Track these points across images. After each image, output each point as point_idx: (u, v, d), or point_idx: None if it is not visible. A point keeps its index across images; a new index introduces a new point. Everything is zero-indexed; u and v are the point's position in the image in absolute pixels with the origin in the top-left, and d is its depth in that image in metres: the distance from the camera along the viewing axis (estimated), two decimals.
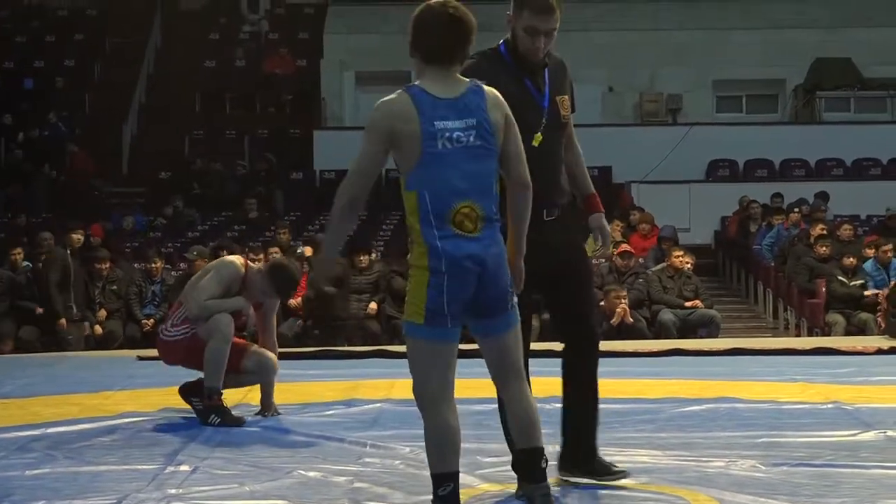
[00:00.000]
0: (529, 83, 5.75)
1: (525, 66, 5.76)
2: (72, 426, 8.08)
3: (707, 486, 5.99)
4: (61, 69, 25.58)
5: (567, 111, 5.88)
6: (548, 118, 5.76)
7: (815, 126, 24.90)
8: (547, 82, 5.81)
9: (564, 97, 5.87)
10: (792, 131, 24.96)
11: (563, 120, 5.85)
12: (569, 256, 5.87)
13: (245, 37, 27.16)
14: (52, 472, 6.59)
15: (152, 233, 20.00)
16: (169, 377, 10.81)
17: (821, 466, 6.44)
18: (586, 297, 6.03)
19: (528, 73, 5.77)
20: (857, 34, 26.02)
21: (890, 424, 7.69)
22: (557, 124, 5.82)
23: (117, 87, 25.72)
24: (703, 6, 26.84)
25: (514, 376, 5.25)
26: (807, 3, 27.28)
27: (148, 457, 6.94)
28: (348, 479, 6.29)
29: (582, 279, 5.97)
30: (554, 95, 5.82)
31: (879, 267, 15.53)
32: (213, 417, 8.08)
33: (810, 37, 25.99)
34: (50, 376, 11.32)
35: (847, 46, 25.66)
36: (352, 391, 9.59)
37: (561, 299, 5.98)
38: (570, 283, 5.89)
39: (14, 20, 27.11)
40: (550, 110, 5.78)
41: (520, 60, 5.76)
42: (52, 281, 14.49)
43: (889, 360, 12.06)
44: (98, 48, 26.73)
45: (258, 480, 6.31)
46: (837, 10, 26.89)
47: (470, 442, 7.04)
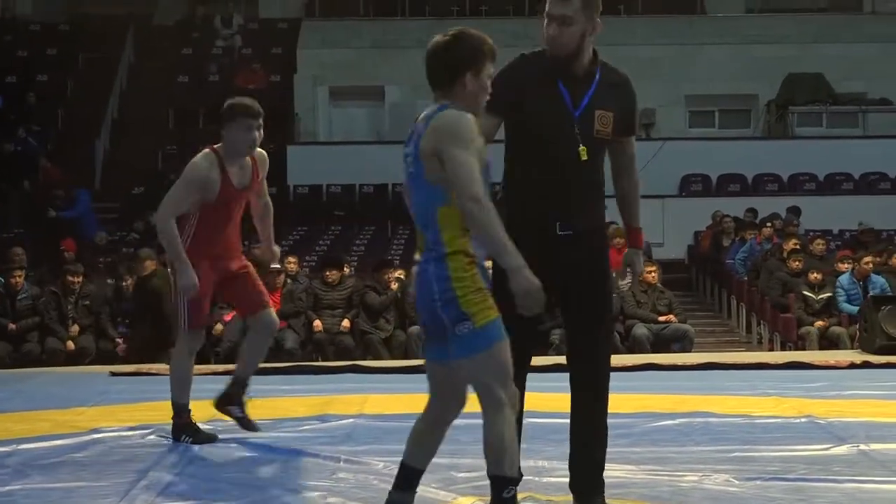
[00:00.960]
0: (563, 88, 5.57)
1: (560, 69, 5.58)
2: (44, 442, 8.04)
3: (681, 502, 6.01)
4: (33, 84, 25.50)
5: (605, 128, 5.62)
6: (580, 129, 5.57)
7: (787, 141, 25.01)
8: (590, 93, 5.61)
9: (607, 113, 5.62)
10: (764, 146, 25.06)
11: (597, 136, 5.61)
12: (583, 276, 5.70)
13: (218, 52, 27.13)
14: (23, 489, 6.56)
15: (125, 248, 19.94)
16: (141, 393, 10.81)
17: (794, 480, 6.46)
18: (593, 328, 5.78)
19: (563, 77, 5.58)
20: (829, 50, 26.16)
21: (863, 438, 7.71)
22: (592, 139, 5.59)
23: (90, 102, 25.64)
24: (675, 22, 26.96)
25: (456, 403, 5.39)
26: (778, 19, 27.45)
27: (120, 473, 6.91)
28: (321, 493, 6.29)
29: (591, 305, 5.74)
30: (593, 108, 5.59)
31: (855, 281, 15.57)
32: (185, 437, 7.97)
33: (782, 52, 26.12)
34: (21, 392, 11.27)
35: (819, 62, 25.79)
36: (325, 406, 9.57)
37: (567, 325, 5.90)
38: (577, 307, 5.75)
39: None
40: (583, 121, 5.57)
41: (555, 61, 5.59)
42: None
43: (862, 374, 12.09)
44: (70, 63, 26.66)
45: (230, 496, 6.31)
46: (808, 26, 27.05)
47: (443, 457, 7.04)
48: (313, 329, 14.89)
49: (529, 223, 5.54)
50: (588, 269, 5.72)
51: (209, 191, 7.69)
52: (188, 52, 27.20)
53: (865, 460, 7.07)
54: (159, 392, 10.92)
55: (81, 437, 8.26)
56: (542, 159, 5.58)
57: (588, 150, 5.57)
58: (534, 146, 5.60)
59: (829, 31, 26.85)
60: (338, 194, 23.08)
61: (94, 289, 15.40)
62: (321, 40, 26.41)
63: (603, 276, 5.82)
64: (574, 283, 5.66)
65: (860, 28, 26.94)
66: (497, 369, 5.11)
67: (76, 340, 14.75)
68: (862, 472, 6.71)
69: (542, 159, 5.59)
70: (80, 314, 14.99)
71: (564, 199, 5.59)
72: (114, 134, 25.64)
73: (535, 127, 5.57)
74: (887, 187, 23.43)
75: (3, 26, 27.36)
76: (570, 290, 5.67)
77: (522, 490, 6.23)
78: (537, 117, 5.55)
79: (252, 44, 27.11)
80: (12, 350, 14.64)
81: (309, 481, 6.58)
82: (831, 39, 26.45)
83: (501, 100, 5.48)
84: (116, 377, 12.65)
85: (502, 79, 5.50)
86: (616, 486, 6.20)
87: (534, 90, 5.55)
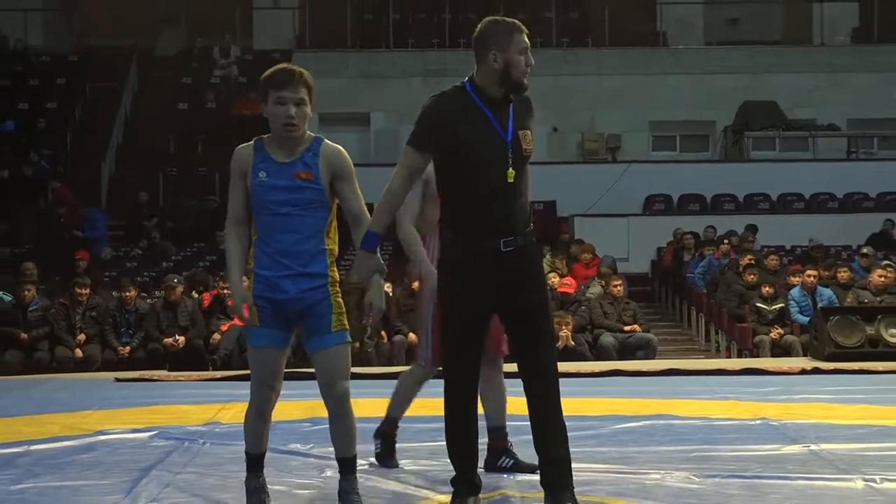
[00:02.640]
0: (492, 117, 5.60)
1: (488, 102, 5.63)
2: (53, 443, 8.02)
3: (644, 498, 6.01)
4: (43, 111, 25.45)
5: (530, 145, 5.71)
6: (512, 152, 5.61)
7: (743, 164, 25.06)
8: (511, 117, 5.66)
9: (527, 132, 5.71)
10: (722, 169, 25.11)
11: (526, 154, 5.69)
12: (525, 288, 5.69)
13: (216, 81, 27.07)
14: (34, 487, 6.54)
15: (129, 263, 19.92)
16: (144, 398, 10.80)
17: (750, 478, 6.46)
18: (537, 331, 5.75)
19: (490, 108, 5.63)
20: (781, 79, 26.24)
21: (813, 439, 7.73)
22: (521, 159, 5.66)
23: (96, 127, 25.58)
24: (640, 54, 27.00)
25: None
26: (734, 51, 27.52)
27: (124, 472, 6.89)
28: (311, 492, 6.28)
29: (535, 312, 5.73)
30: (517, 130, 5.65)
31: (805, 294, 15.60)
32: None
33: (738, 82, 26.19)
34: (31, 397, 11.24)
35: (772, 91, 25.87)
36: (315, 410, 9.51)
37: (513, 331, 5.92)
38: (522, 316, 5.73)
39: None
40: (514, 144, 5.62)
41: (484, 96, 5.62)
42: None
43: (812, 379, 12.12)
44: (78, 91, 26.60)
45: (227, 492, 6.30)
46: (762, 57, 27.13)
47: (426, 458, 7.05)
48: None
49: (475, 243, 5.59)
50: (530, 277, 5.73)
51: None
52: (188, 81, 27.15)
53: (816, 459, 7.08)
54: (160, 397, 10.95)
55: (88, 438, 8.24)
56: (479, 184, 5.59)
57: (515, 171, 5.62)
58: (470, 173, 5.60)
59: (782, 62, 26.93)
60: None
61: (100, 301, 15.36)
62: (312, 70, 25.49)
63: (542, 283, 5.86)
64: (517, 293, 5.68)
65: (810, 59, 27.01)
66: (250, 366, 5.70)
67: (83, 349, 14.70)
68: (812, 470, 6.72)
69: (479, 184, 5.59)
70: (87, 325, 14.95)
71: (503, 217, 5.60)
72: (119, 157, 25.58)
73: (472, 155, 5.57)
74: (835, 207, 23.50)
75: (15, 57, 27.30)
76: (514, 300, 5.69)
77: (498, 487, 6.24)
78: (473, 146, 5.56)
79: (248, 73, 27.06)
80: (24, 358, 14.60)
81: (299, 479, 6.57)
82: (783, 70, 26.53)
83: (433, 136, 5.58)
84: (120, 383, 12.63)
85: (431, 117, 5.59)
86: (584, 483, 6.19)
87: (466, 122, 5.57)
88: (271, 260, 5.46)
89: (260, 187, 5.47)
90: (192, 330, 14.78)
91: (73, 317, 14.92)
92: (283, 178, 5.46)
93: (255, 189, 5.48)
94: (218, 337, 14.69)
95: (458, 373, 5.70)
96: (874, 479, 6.41)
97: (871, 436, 7.97)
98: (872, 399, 10.13)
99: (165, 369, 14.04)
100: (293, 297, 5.45)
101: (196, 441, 8.02)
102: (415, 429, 8.32)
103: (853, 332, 14.09)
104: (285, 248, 5.44)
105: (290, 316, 5.50)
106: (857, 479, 6.41)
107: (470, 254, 5.59)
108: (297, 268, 5.45)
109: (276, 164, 5.49)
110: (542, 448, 5.76)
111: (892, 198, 23.29)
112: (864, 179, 23.90)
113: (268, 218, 5.46)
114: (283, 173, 5.47)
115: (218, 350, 14.64)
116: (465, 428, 5.75)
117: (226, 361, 14.40)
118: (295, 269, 5.45)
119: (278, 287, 5.46)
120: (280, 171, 5.47)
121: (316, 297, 5.47)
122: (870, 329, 14.11)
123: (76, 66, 27.26)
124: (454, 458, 5.77)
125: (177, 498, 6.18)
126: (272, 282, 5.46)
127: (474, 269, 5.57)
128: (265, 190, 5.45)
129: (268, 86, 5.55)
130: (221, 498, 6.17)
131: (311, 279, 5.46)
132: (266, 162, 5.50)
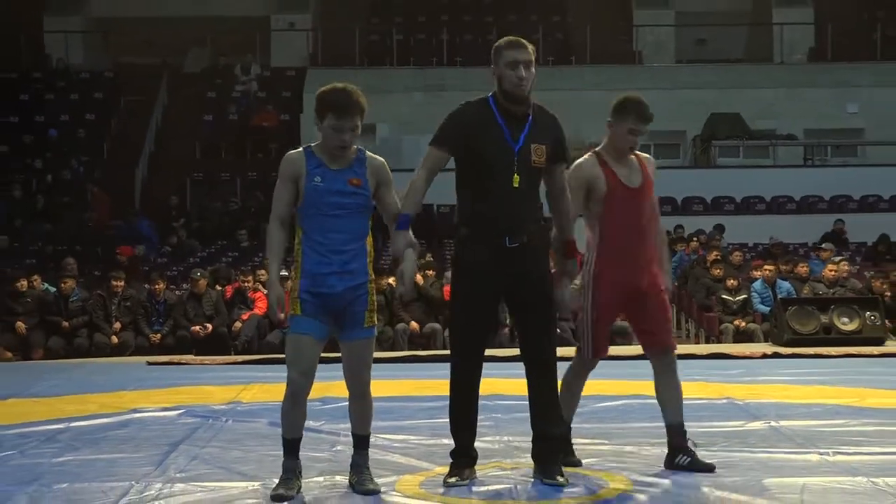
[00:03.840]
0: (505, 128, 5.64)
1: (505, 114, 5.67)
2: (91, 420, 8.04)
3: (622, 469, 6.01)
4: (83, 122, 25.43)
5: (540, 158, 5.69)
6: (519, 161, 5.63)
7: (710, 169, 25.02)
8: (526, 130, 5.68)
9: (541, 146, 5.70)
10: (691, 174, 25.05)
11: (534, 165, 5.68)
12: (529, 281, 5.72)
13: (237, 95, 27.03)
14: (74, 459, 6.55)
15: (159, 259, 19.91)
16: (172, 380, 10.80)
17: (716, 451, 6.47)
18: (539, 322, 5.80)
19: (506, 119, 5.67)
20: (745, 94, 26.21)
21: (773, 416, 7.75)
22: (528, 168, 5.66)
23: (130, 137, 25.57)
24: (618, 71, 26.94)
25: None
26: (702, 68, 27.53)
27: (155, 446, 6.91)
28: (323, 464, 6.28)
29: (538, 304, 5.75)
30: (530, 143, 5.67)
31: (767, 286, 15.59)
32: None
33: (706, 96, 26.16)
34: (72, 379, 11.24)
35: (736, 104, 25.83)
36: (326, 390, 9.51)
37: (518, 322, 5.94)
38: (526, 307, 5.77)
39: (44, 81, 26.91)
40: (521, 154, 5.64)
41: (503, 109, 5.68)
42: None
43: (772, 363, 12.13)
44: (114, 104, 26.59)
45: (247, 464, 6.31)
46: (728, 74, 27.14)
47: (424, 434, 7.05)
48: None
49: (486, 238, 5.64)
50: (535, 272, 5.75)
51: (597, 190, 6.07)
52: (212, 96, 27.13)
53: (776, 434, 7.09)
54: (187, 379, 10.96)
55: (122, 416, 8.25)
56: (488, 186, 5.64)
57: (521, 178, 5.64)
58: (480, 176, 5.66)
59: (745, 78, 26.92)
60: None
61: (133, 293, 15.35)
62: (323, 86, 26.23)
63: (546, 278, 5.84)
64: (522, 286, 5.71)
65: (770, 76, 27.01)
66: (288, 353, 5.60)
67: (119, 336, 14.69)
68: (773, 444, 6.73)
69: (487, 186, 5.65)
70: (121, 314, 14.94)
71: (508, 217, 5.63)
72: (150, 164, 25.58)
73: (480, 160, 5.64)
74: (793, 208, 23.48)
75: (58, 74, 27.32)
76: (519, 293, 5.72)
77: (491, 459, 6.25)
78: (483, 152, 5.62)
79: (266, 88, 27.06)
80: (65, 344, 14.58)
81: (313, 453, 6.56)
82: (747, 85, 26.50)
83: (451, 138, 5.67)
84: (152, 366, 12.64)
85: (452, 122, 5.70)
86: None
87: (480, 130, 5.64)
88: (320, 256, 5.45)
89: (315, 190, 5.46)
90: (215, 319, 14.76)
91: (109, 307, 14.90)
92: (337, 184, 5.47)
93: (309, 192, 5.47)
94: (239, 325, 14.68)
95: (464, 357, 5.73)
96: (828, 452, 6.43)
97: (826, 413, 7.99)
98: (826, 380, 10.15)
99: (192, 354, 14.03)
100: (338, 292, 5.46)
101: (219, 418, 8.03)
102: (415, 407, 8.34)
103: (809, 320, 14.10)
104: (334, 247, 5.46)
105: (333, 310, 5.51)
106: (813, 453, 6.43)
107: (480, 249, 5.63)
108: (342, 266, 5.45)
109: (329, 171, 5.50)
110: (538, 426, 5.79)
111: (843, 200, 23.30)
112: (818, 184, 23.88)
113: (319, 218, 5.46)
114: (337, 179, 5.48)
115: (239, 337, 14.63)
116: (467, 406, 5.77)
117: (246, 347, 14.39)
118: (341, 266, 5.45)
119: (325, 283, 5.45)
120: (334, 177, 5.48)
121: (357, 293, 5.51)
122: (824, 318, 14.13)
123: (112, 83, 27.26)
124: (456, 433, 5.79)
125: (202, 469, 6.19)
126: (319, 278, 5.45)
127: (483, 264, 5.60)
128: (320, 193, 5.45)
129: (327, 108, 5.61)
130: (242, 469, 6.18)
131: (354, 276, 5.49)
132: (321, 168, 5.50)
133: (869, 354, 12.69)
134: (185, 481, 5.86)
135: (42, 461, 6.50)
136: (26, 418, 8.20)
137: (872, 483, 5.62)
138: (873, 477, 5.73)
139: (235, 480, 5.89)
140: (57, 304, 14.89)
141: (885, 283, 15.59)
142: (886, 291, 15.32)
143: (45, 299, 15.01)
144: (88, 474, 6.09)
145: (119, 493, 5.57)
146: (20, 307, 14.92)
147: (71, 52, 28.02)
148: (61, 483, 5.85)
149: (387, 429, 7.30)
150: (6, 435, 7.44)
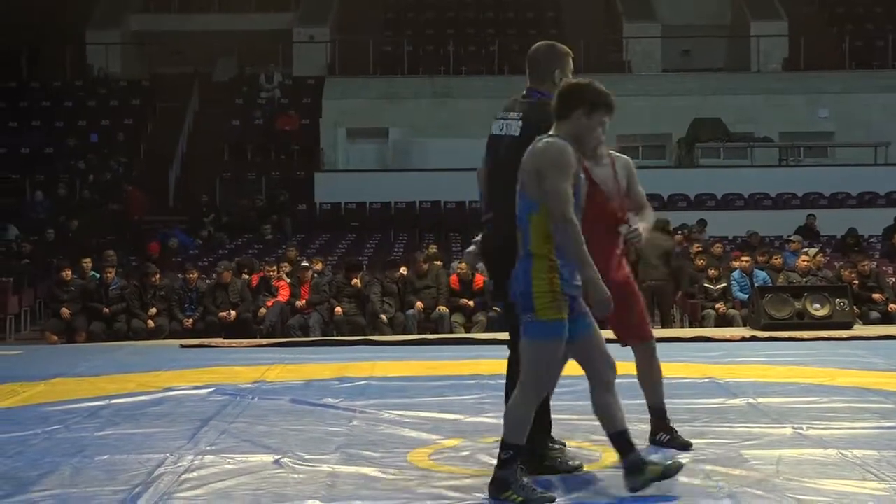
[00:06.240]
0: None
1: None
2: (129, 398, 8.05)
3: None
4: (121, 126, 25.46)
5: None
6: None
7: (693, 169, 24.96)
8: None
9: None
10: (676, 173, 25.00)
11: None
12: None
13: (262, 101, 26.99)
14: (114, 433, 6.57)
15: (192, 250, 19.92)
16: (203, 361, 10.81)
17: (699, 426, 6.47)
18: None
19: None
20: (725, 100, 26.16)
21: (751, 394, 7.74)
22: None
23: (165, 139, 25.61)
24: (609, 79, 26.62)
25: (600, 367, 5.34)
26: (686, 76, 27.51)
27: (188, 421, 6.92)
28: (341, 438, 6.28)
29: None
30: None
31: (745, 275, 15.56)
32: (661, 435, 6.03)
33: (690, 102, 26.11)
34: (112, 360, 11.26)
35: (717, 109, 25.78)
36: (344, 370, 9.56)
37: None
38: None
39: (86, 89, 26.96)
40: None
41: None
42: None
43: (750, 345, 12.13)
44: (150, 110, 26.61)
45: (272, 437, 6.32)
46: (710, 82, 27.11)
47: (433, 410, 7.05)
48: (334, 313, 14.75)
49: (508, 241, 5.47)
50: None
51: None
52: (239, 102, 27.12)
53: (754, 411, 7.09)
54: (217, 360, 10.98)
55: (158, 394, 8.26)
56: None
57: None
58: None
59: (726, 85, 26.90)
60: (353, 210, 22.98)
61: (167, 282, 15.36)
62: (341, 93, 26.31)
63: None
64: None
65: (749, 83, 26.97)
66: (535, 359, 4.82)
67: (154, 321, 14.69)
68: (751, 420, 6.73)
69: None
70: (157, 301, 14.95)
71: None
72: (183, 164, 25.61)
73: None
74: (769, 204, 23.43)
75: (99, 83, 27.37)
76: None
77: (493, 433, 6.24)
78: None
79: (288, 95, 27.05)
80: (106, 328, 14.60)
81: (331, 427, 6.58)
82: (727, 92, 26.46)
83: None
84: (185, 349, 12.65)
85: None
86: (564, 429, 6.21)
87: None
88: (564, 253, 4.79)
89: (579, 188, 4.85)
90: (241, 305, 14.76)
91: (145, 295, 14.91)
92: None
93: (580, 187, 4.85)
94: (264, 311, 14.68)
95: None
96: (801, 426, 6.43)
97: (799, 391, 7.98)
98: (800, 361, 10.13)
99: (221, 337, 14.03)
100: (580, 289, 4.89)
101: (246, 396, 8.04)
102: (424, 386, 8.33)
103: (784, 306, 14.08)
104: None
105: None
106: (788, 427, 6.43)
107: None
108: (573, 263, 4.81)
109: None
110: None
111: (814, 197, 23.28)
112: (792, 182, 23.86)
113: (579, 213, 4.80)
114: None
115: (264, 322, 14.63)
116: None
117: (270, 331, 14.40)
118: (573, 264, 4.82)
119: (574, 279, 4.84)
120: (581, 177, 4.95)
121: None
122: (798, 304, 14.10)
123: (148, 90, 27.30)
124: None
125: (231, 443, 6.20)
126: (570, 275, 4.82)
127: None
128: (579, 189, 4.86)
129: (601, 104, 4.88)
130: (267, 443, 6.18)
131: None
132: (578, 165, 4.88)
133: (839, 338, 12.67)
134: (214, 453, 5.86)
135: (85, 435, 6.52)
136: (71, 396, 8.23)
137: (842, 455, 5.62)
138: (843, 449, 5.73)
139: (261, 453, 5.89)
140: (98, 292, 14.91)
141: (853, 272, 15.56)
142: (854, 280, 15.30)
143: (88, 287, 15.03)
144: (127, 447, 6.10)
145: (154, 464, 5.58)
146: (65, 295, 14.96)
147: (111, 63, 28.05)
148: (102, 455, 5.86)
149: (399, 405, 7.30)
150: (53, 411, 7.45)
